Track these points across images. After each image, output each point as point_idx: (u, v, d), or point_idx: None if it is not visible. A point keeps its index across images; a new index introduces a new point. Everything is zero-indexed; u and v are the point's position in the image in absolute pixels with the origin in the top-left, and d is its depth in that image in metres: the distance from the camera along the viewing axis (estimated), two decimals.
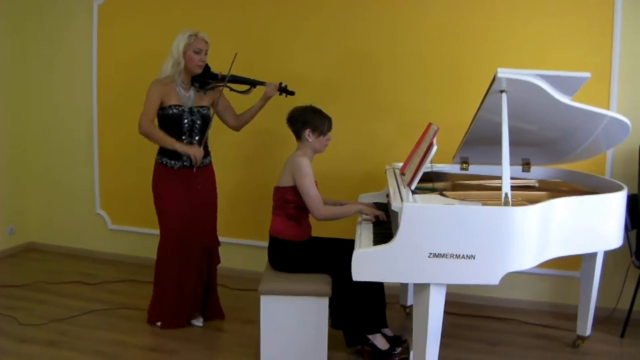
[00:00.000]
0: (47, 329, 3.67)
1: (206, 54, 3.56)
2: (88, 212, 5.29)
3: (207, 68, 3.62)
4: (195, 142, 3.58)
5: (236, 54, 3.54)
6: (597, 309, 3.52)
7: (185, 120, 3.53)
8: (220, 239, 4.05)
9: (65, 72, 5.20)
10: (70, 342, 3.50)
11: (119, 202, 5.10)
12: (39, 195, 5.47)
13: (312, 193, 3.21)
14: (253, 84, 3.70)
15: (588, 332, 3.48)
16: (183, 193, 3.61)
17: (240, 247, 4.81)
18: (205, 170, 3.72)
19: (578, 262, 3.61)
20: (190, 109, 3.55)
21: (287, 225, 3.33)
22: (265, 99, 3.69)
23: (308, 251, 3.33)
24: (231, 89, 3.73)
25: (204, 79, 3.62)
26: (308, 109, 3.36)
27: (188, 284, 3.67)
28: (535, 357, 3.43)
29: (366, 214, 3.31)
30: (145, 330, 3.69)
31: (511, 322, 3.93)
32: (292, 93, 3.75)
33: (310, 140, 3.33)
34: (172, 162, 3.59)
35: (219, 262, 3.89)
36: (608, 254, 3.53)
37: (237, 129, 3.84)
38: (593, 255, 3.33)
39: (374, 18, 4.29)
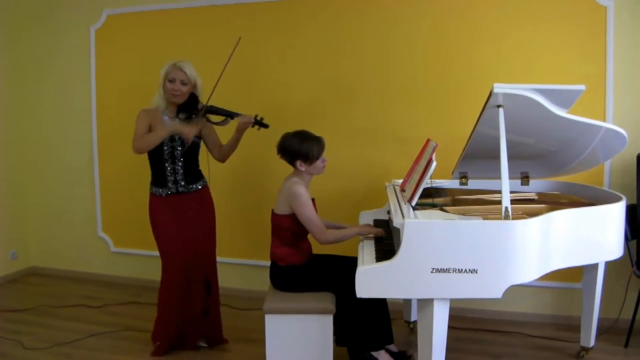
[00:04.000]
0: (52, 352, 3.67)
1: (184, 83, 3.50)
2: (90, 236, 5.30)
3: (193, 98, 3.59)
4: (178, 167, 3.57)
5: (238, 39, 3.53)
6: (600, 319, 3.53)
7: (165, 147, 3.52)
8: (221, 259, 4.04)
9: (64, 95, 5.24)
10: None
11: (121, 224, 5.12)
12: (41, 220, 5.48)
13: (313, 220, 3.20)
14: (229, 115, 3.63)
15: (592, 343, 3.48)
16: (176, 223, 3.60)
17: (242, 267, 4.83)
18: (198, 195, 3.68)
19: (580, 274, 3.63)
20: (172, 136, 3.53)
21: (285, 251, 3.33)
22: (239, 130, 3.61)
23: (310, 272, 3.33)
24: (207, 120, 3.67)
25: (187, 109, 3.58)
26: (295, 138, 3.27)
27: (190, 312, 3.66)
28: None
29: (365, 235, 3.32)
30: (150, 351, 3.68)
31: (515, 335, 3.93)
32: (266, 126, 3.65)
33: (303, 169, 3.29)
34: (160, 190, 3.60)
35: (216, 288, 3.82)
36: (609, 265, 3.54)
37: (220, 160, 3.79)
38: (594, 267, 3.35)
39: (364, 36, 4.34)
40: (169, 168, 3.56)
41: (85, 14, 5.05)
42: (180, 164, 3.57)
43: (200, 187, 3.69)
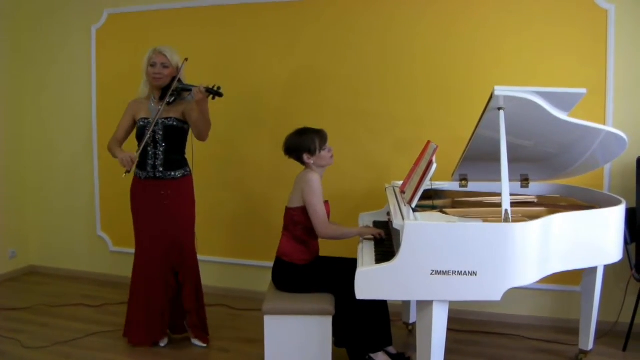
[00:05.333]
0: (51, 351, 3.67)
1: (165, 66, 3.58)
2: (89, 235, 5.31)
3: (177, 80, 3.61)
4: (159, 152, 3.60)
5: (185, 60, 3.62)
6: (598, 323, 3.53)
7: (147, 132, 3.56)
8: (223, 259, 4.03)
9: (63, 95, 5.25)
10: None
11: (120, 224, 5.09)
12: (40, 219, 5.48)
13: (318, 210, 3.22)
14: (189, 89, 3.61)
15: (590, 346, 3.48)
16: (152, 207, 3.64)
17: (242, 267, 4.82)
18: (175, 184, 3.65)
19: (579, 277, 3.63)
20: (156, 121, 3.56)
21: (294, 247, 3.34)
22: (197, 103, 3.52)
23: (311, 272, 3.32)
24: (182, 98, 3.68)
25: (166, 92, 3.61)
26: (296, 135, 3.34)
27: (154, 302, 3.66)
28: None
29: (365, 236, 3.33)
30: (149, 352, 3.68)
31: (513, 338, 3.93)
32: (220, 94, 3.54)
33: (312, 162, 3.34)
34: (140, 172, 3.66)
35: (196, 280, 3.79)
36: (608, 268, 3.54)
37: (199, 138, 3.69)
38: (593, 270, 3.35)
39: (363, 38, 4.34)
40: (150, 152, 3.60)
41: (86, 13, 5.06)
42: (161, 149, 3.61)
43: (179, 176, 3.67)
